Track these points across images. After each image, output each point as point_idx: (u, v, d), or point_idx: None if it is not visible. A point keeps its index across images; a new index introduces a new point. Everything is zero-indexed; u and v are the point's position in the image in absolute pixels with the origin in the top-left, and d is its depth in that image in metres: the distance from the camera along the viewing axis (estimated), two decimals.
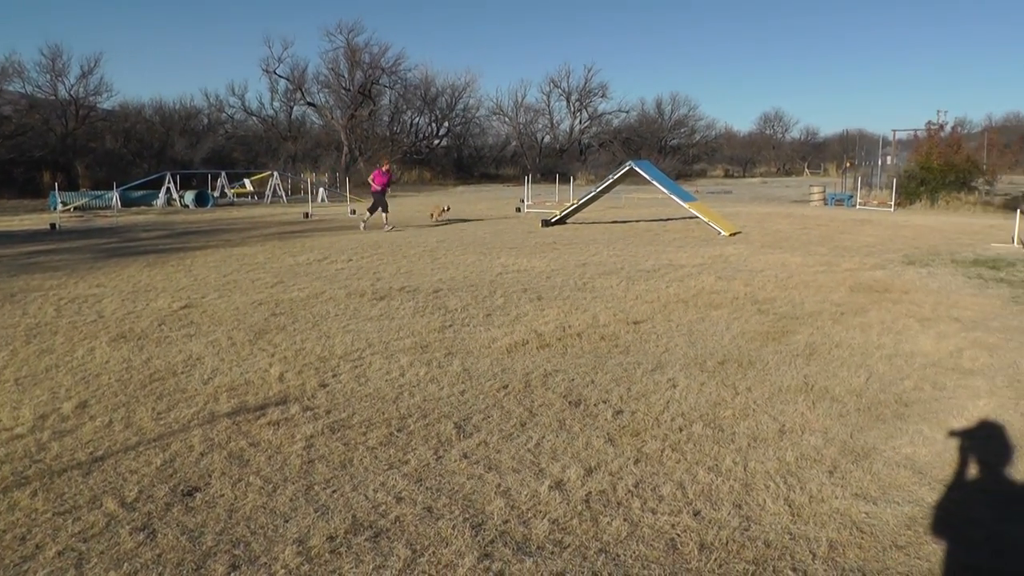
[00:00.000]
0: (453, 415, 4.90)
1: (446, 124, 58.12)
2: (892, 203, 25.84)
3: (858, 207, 26.69)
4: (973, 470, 4.19)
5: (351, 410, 4.98)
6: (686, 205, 17.28)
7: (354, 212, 23.01)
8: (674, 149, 66.29)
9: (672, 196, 17.66)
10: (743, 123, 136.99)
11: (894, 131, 35.27)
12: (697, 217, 17.26)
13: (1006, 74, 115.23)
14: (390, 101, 53.86)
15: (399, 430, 4.63)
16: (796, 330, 7.24)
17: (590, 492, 3.79)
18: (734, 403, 5.19)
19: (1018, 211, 15.53)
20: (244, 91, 58.77)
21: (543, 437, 4.53)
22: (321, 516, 3.53)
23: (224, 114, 50.82)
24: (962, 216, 22.74)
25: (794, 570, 3.15)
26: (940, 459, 4.29)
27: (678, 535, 3.39)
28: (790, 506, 3.70)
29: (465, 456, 4.24)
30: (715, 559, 3.20)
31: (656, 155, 57.57)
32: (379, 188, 18.02)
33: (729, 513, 3.61)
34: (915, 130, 32.39)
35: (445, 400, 5.20)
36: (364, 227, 17.88)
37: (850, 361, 6.20)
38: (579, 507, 3.63)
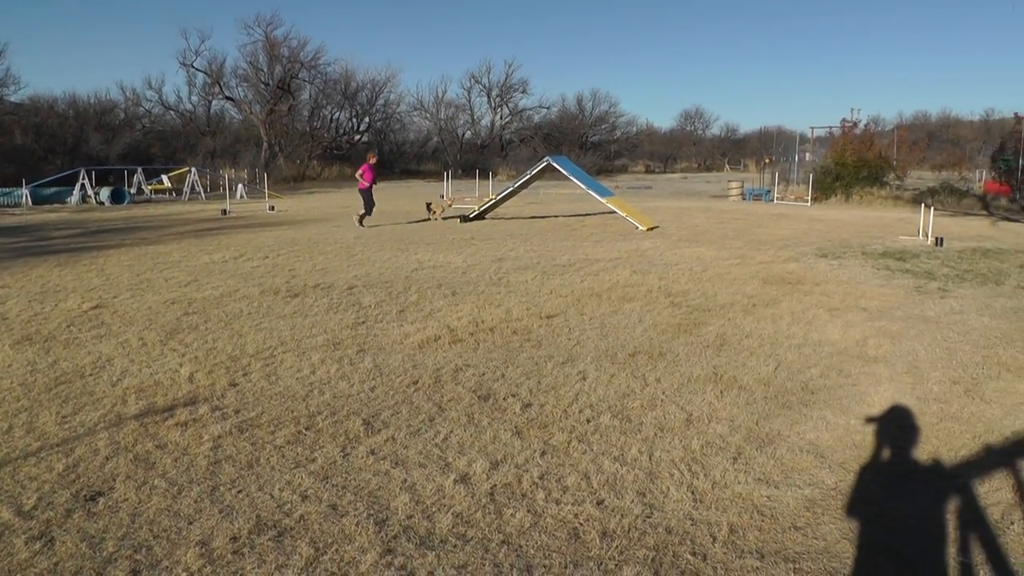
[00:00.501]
0: (362, 412, 4.88)
1: (367, 119, 57.41)
2: (808, 198, 26.79)
3: (776, 202, 27.53)
4: (872, 452, 4.39)
5: (260, 409, 4.91)
6: (604, 200, 17.54)
7: (272, 208, 22.57)
8: (595, 145, 66.93)
9: (590, 192, 17.89)
10: (664, 120, 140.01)
11: (812, 128, 36.66)
12: (615, 212, 17.54)
13: (915, 75, 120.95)
14: (310, 96, 52.77)
15: (307, 428, 4.59)
16: (708, 322, 7.44)
17: (495, 485, 3.84)
18: (643, 394, 5.31)
19: (923, 205, 16.30)
20: (161, 85, 56.89)
21: (451, 432, 4.56)
22: (225, 517, 3.48)
23: (141, 108, 49.02)
24: (874, 210, 23.71)
25: (694, 554, 3.25)
26: (841, 443, 4.49)
27: (581, 524, 3.46)
28: (693, 493, 3.82)
29: (372, 452, 4.23)
30: (616, 546, 3.27)
31: (577, 151, 58.08)
32: (367, 184, 17.47)
33: (632, 501, 3.70)
34: (831, 127, 33.69)
35: (355, 397, 5.18)
36: (360, 225, 17.32)
37: (759, 351, 6.42)
38: (483, 500, 3.67)
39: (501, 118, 64.87)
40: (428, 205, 19.73)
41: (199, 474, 3.95)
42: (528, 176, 18.71)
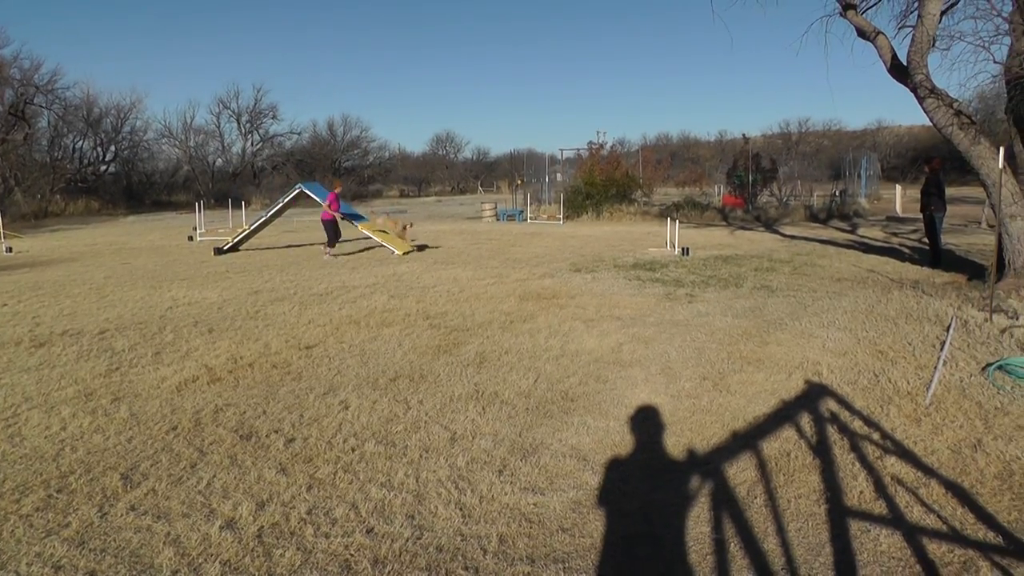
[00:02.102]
0: (120, 465, 4.59)
1: (113, 148, 53.52)
2: (561, 217, 28.37)
3: (529, 221, 28.86)
4: (631, 450, 4.77)
5: (2, 476, 4.45)
6: (358, 226, 17.62)
7: (10, 250, 20.21)
8: (348, 171, 67.08)
9: (344, 218, 17.90)
10: (416, 144, 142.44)
11: (561, 150, 38.86)
12: (371, 238, 17.66)
13: (657, 100, 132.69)
14: (49, 123, 48.27)
15: (59, 490, 4.23)
16: (467, 341, 7.68)
17: (263, 526, 3.77)
18: (406, 417, 5.40)
19: (669, 219, 17.86)
20: None
21: (214, 476, 4.40)
22: None
23: None
24: (624, 225, 25.55)
25: (466, 568, 3.37)
26: (602, 445, 4.83)
27: (352, 555, 3.49)
28: (461, 509, 3.96)
29: (132, 508, 3.99)
30: (389, 572, 3.34)
31: (330, 177, 57.77)
32: (332, 216, 16.76)
33: (402, 525, 3.77)
34: (579, 149, 35.99)
35: (111, 450, 4.84)
36: (330, 257, 16.44)
37: (519, 365, 6.73)
38: (251, 544, 3.60)
39: (252, 145, 63.38)
40: (408, 225, 18.60)
41: None
42: (281, 204, 18.39)
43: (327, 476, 4.39)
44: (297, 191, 17.80)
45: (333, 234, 16.80)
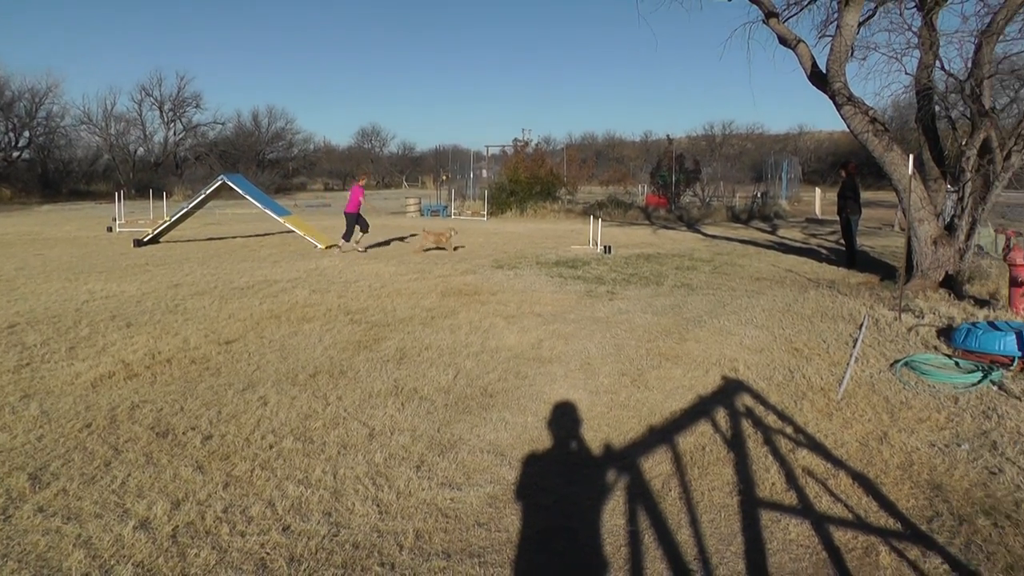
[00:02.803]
0: (28, 465, 4.42)
1: (27, 134, 51.31)
2: (485, 213, 28.43)
3: (453, 217, 28.84)
4: (549, 445, 4.81)
5: None
6: (281, 219, 17.39)
7: None
8: (273, 163, 66.11)
9: (266, 211, 17.64)
10: (341, 137, 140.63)
11: (487, 147, 38.83)
12: (294, 231, 17.44)
13: (583, 99, 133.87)
14: None
15: None
16: (388, 336, 7.64)
17: (177, 526, 3.69)
18: (325, 413, 5.35)
19: (592, 217, 18.05)
20: None
21: (129, 475, 4.29)
22: None
23: None
24: (547, 223, 25.73)
25: (382, 565, 3.36)
26: (520, 440, 4.87)
27: (268, 553, 3.44)
28: (378, 505, 3.94)
29: (40, 510, 3.85)
30: (304, 570, 3.31)
31: (254, 169, 57.01)
32: (355, 208, 16.22)
33: (319, 522, 3.74)
34: (504, 146, 36.11)
35: (19, 450, 4.66)
36: (354, 249, 16.16)
37: (439, 361, 6.73)
38: (166, 544, 3.52)
39: (175, 134, 61.93)
40: (453, 232, 17.17)
41: None
42: (203, 196, 18.01)
43: (244, 473, 4.33)
44: (220, 182, 17.47)
45: (351, 227, 16.38)
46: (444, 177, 39.30)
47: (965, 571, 3.34)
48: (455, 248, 16.38)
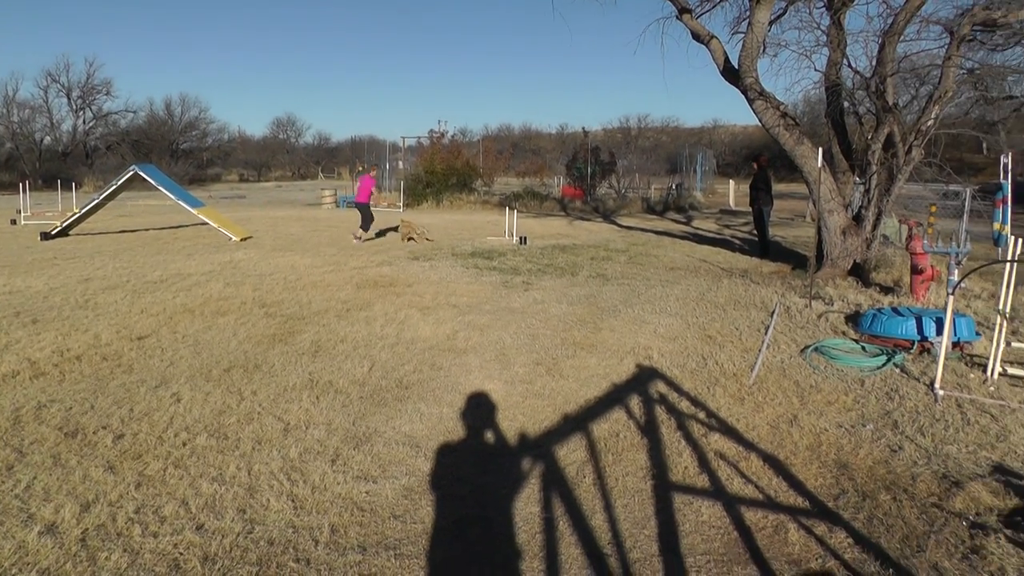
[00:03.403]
0: None
1: None
2: (401, 204, 28.23)
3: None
4: (463, 436, 4.81)
5: None
6: (195, 211, 16.95)
7: None
8: (187, 153, 64.34)
9: (180, 202, 17.17)
10: (256, 127, 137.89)
11: (403, 138, 38.57)
12: (208, 223, 17.02)
13: (499, 91, 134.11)
14: None
15: None
16: (303, 329, 7.52)
17: (87, 529, 3.56)
18: (239, 409, 5.24)
19: (508, 208, 18.10)
20: None
21: (34, 478, 4.11)
22: None
23: None
24: (464, 214, 25.69)
25: (297, 561, 3.32)
26: (436, 431, 4.85)
27: (181, 553, 3.36)
28: (293, 500, 3.88)
29: None
30: (218, 569, 3.24)
31: (168, 159, 55.43)
32: (367, 198, 16.62)
33: (233, 520, 3.66)
34: (420, 137, 35.92)
35: None
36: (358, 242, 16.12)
37: (354, 354, 6.66)
38: (74, 548, 3.39)
39: (84, 123, 59.66)
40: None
41: None
42: (114, 187, 17.35)
43: (157, 472, 4.20)
44: (132, 173, 16.91)
45: (367, 216, 16.59)
46: (360, 168, 38.86)
47: (867, 543, 3.48)
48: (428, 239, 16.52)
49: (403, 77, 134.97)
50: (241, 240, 16.09)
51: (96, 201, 17.67)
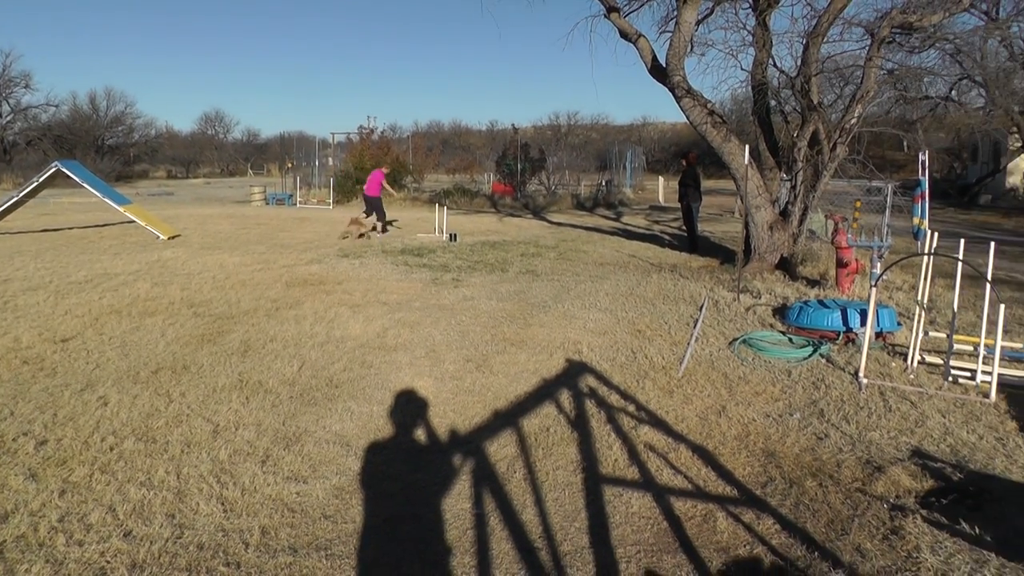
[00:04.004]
0: None
1: None
2: (331, 201, 27.90)
3: (299, 206, 28.17)
4: (394, 433, 4.79)
5: None
6: (121, 209, 16.48)
7: None
8: (112, 149, 62.39)
9: (105, 199, 16.68)
10: (184, 122, 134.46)
11: (332, 134, 38.08)
12: (135, 221, 16.56)
13: (429, 88, 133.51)
14: None
15: None
16: (232, 329, 7.39)
17: (5, 540, 3.43)
18: (168, 411, 5.12)
19: (438, 205, 18.04)
20: None
21: None
22: None
23: None
24: (394, 211, 25.38)
25: (227, 565, 3.26)
26: (366, 430, 4.82)
27: (108, 562, 3.27)
28: (223, 503, 3.82)
29: None
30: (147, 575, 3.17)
31: (93, 155, 53.82)
32: (378, 191, 17.52)
33: (162, 525, 3.58)
34: (349, 133, 35.52)
35: None
36: (373, 230, 17.00)
37: (284, 353, 6.56)
38: None
39: (2, 117, 57.12)
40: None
41: None
42: (35, 184, 16.75)
43: (82, 479, 4.08)
44: (54, 169, 16.34)
45: (381, 210, 17.54)
46: (289, 165, 38.29)
47: (794, 528, 3.58)
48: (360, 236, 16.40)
49: (332, 72, 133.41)
50: (169, 238, 15.71)
51: (16, 199, 17.06)
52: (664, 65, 11.68)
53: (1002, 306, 5.51)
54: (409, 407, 5.25)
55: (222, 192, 40.19)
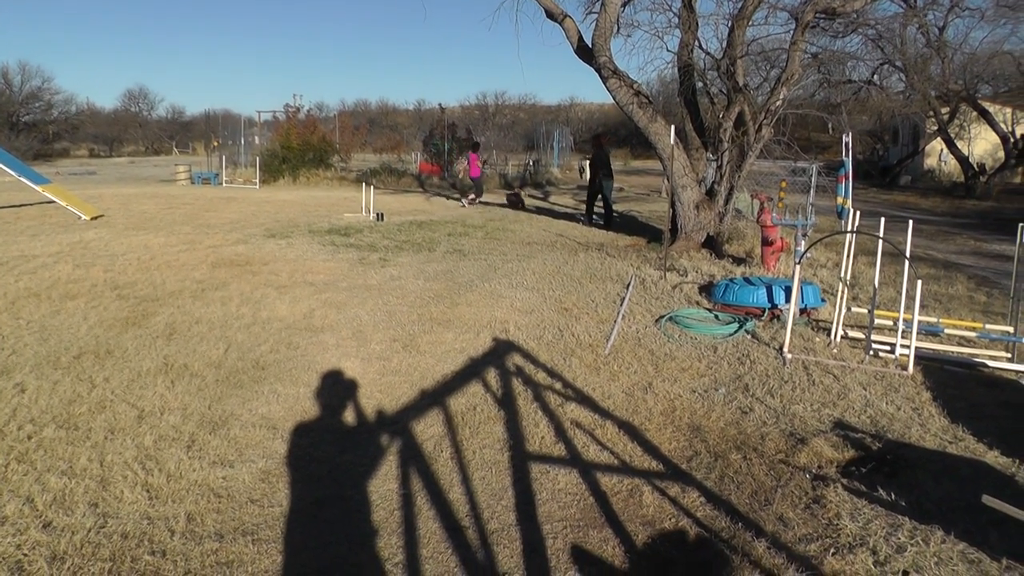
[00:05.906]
0: None
1: None
2: (257, 180, 27.24)
3: (224, 185, 27.41)
4: (320, 415, 4.71)
5: None
6: (39, 188, 15.78)
7: None
8: (29, 126, 59.49)
9: (22, 179, 15.94)
10: (107, 99, 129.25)
11: (259, 112, 37.22)
12: (55, 201, 15.85)
13: (355, 66, 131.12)
14: None
15: None
16: (157, 312, 7.15)
17: None
18: (90, 397, 4.94)
19: (365, 184, 17.76)
20: None
21: None
22: None
23: None
24: (321, 190, 25.05)
25: (152, 553, 3.16)
26: (293, 412, 4.73)
27: (25, 555, 3.13)
28: (148, 491, 3.70)
29: None
30: (68, 568, 3.05)
31: (7, 132, 51.25)
32: (479, 172, 21.01)
33: (84, 515, 3.45)
34: (276, 112, 34.70)
35: None
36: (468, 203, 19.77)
37: (210, 335, 6.39)
38: None
39: None
40: None
41: None
42: None
43: None
44: None
45: (480, 187, 20.64)
46: (215, 143, 37.27)
47: (719, 501, 3.63)
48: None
49: (258, 49, 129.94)
50: (91, 219, 15.11)
51: None
52: (590, 46, 11.63)
53: (919, 282, 5.70)
54: (336, 388, 5.16)
55: (147, 171, 38.92)
